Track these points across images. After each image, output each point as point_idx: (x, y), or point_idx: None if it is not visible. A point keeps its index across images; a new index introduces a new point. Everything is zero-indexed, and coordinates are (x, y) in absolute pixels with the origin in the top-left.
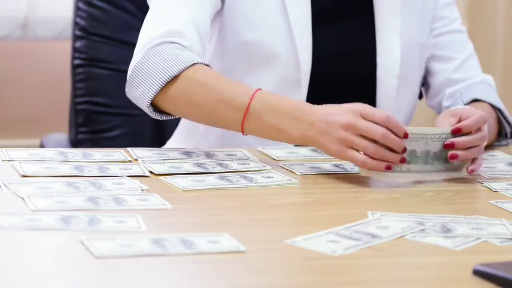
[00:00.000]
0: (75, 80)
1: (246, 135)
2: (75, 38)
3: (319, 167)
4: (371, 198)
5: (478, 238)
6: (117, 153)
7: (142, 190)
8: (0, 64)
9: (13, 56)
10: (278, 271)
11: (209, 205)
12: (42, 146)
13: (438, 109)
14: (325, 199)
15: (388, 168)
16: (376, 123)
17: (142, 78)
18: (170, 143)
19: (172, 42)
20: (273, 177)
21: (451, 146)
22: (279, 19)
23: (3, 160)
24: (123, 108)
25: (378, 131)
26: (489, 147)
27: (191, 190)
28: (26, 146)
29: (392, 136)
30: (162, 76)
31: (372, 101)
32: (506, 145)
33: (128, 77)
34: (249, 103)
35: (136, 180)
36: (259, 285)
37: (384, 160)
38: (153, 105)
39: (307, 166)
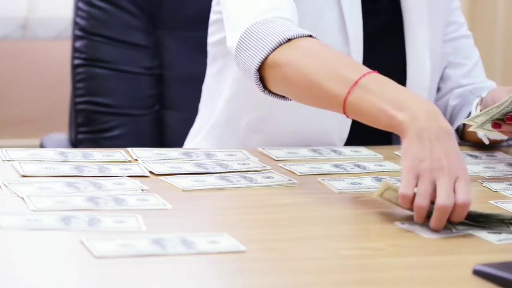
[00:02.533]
0: (75, 80)
1: (346, 114)
2: (75, 38)
3: (319, 167)
4: (371, 198)
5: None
6: (117, 153)
7: (142, 190)
8: (0, 64)
9: (13, 56)
10: (278, 271)
11: (209, 205)
12: (42, 146)
13: (443, 109)
14: (325, 199)
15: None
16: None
17: (254, 40)
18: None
19: (283, 18)
20: (273, 177)
21: None
22: (338, 36)
23: (3, 160)
24: (123, 108)
25: (446, 210)
26: (494, 146)
27: (191, 190)
28: (26, 146)
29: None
30: (276, 38)
31: None
32: (510, 145)
33: (238, 40)
34: (360, 77)
35: (136, 180)
36: (259, 285)
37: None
38: (260, 76)
39: (307, 166)
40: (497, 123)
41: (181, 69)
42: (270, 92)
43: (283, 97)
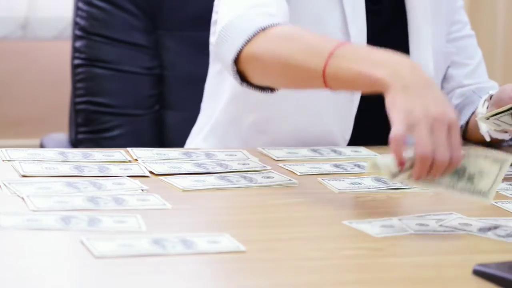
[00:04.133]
0: (75, 80)
1: (327, 86)
2: (75, 38)
3: (319, 167)
4: (371, 198)
5: None
6: (117, 153)
7: (142, 190)
8: (0, 64)
9: (13, 56)
10: (278, 271)
11: (209, 205)
12: (42, 146)
13: None
14: (325, 199)
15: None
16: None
17: (231, 33)
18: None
19: (269, 14)
20: (273, 177)
21: None
22: (341, 36)
23: (3, 160)
24: (123, 108)
25: (444, 162)
26: (494, 146)
27: (191, 190)
28: (26, 146)
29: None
30: (250, 29)
31: None
32: (510, 146)
33: (217, 34)
34: (335, 48)
35: (136, 180)
36: (259, 285)
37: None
38: (238, 70)
39: (307, 166)
40: None
41: (181, 69)
42: (250, 84)
43: (263, 89)
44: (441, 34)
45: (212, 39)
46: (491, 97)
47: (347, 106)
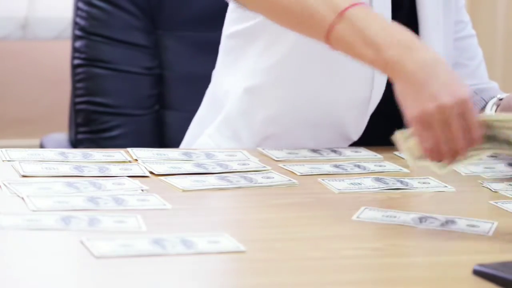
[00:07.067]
0: (75, 80)
1: (330, 44)
2: (75, 38)
3: (319, 168)
4: (371, 198)
5: None
6: (117, 154)
7: (142, 190)
8: (0, 64)
9: (13, 56)
10: (278, 271)
11: (209, 205)
12: (42, 146)
13: None
14: (325, 199)
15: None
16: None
17: None
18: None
19: None
20: (273, 178)
21: None
22: None
23: (3, 160)
24: (123, 108)
25: (459, 143)
26: None
27: (191, 190)
28: (26, 146)
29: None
30: None
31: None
32: None
33: None
34: (348, 7)
35: (136, 180)
36: (259, 285)
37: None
38: None
39: (307, 166)
40: None
41: (181, 69)
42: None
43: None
44: (450, 41)
45: (230, 29)
46: (499, 100)
47: (364, 100)
